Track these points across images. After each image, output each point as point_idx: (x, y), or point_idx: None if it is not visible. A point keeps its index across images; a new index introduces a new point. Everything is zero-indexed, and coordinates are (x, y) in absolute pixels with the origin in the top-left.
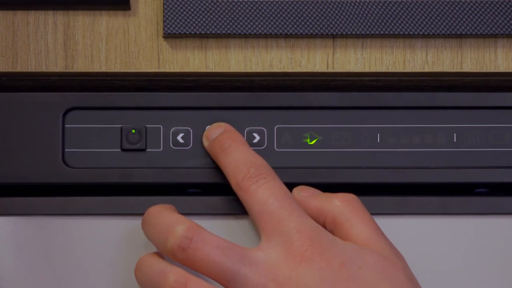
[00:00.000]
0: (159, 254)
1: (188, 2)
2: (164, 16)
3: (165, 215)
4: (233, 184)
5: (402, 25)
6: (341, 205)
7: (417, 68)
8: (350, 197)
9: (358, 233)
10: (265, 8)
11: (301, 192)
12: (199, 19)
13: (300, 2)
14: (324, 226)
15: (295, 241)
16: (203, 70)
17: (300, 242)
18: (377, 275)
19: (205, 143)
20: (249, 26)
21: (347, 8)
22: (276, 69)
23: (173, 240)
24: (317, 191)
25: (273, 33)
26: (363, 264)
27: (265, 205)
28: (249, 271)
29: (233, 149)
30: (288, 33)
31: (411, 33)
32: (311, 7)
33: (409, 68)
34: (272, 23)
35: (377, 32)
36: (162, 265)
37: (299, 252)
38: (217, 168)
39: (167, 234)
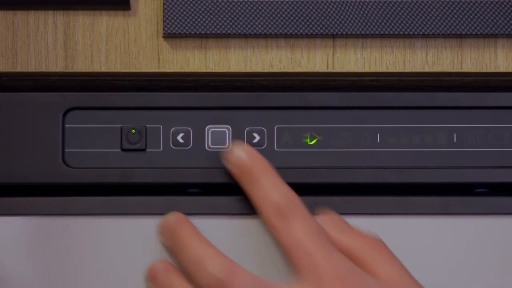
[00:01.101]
0: (173, 267)
1: (188, 2)
2: (164, 16)
3: (195, 246)
4: (264, 217)
5: (402, 25)
6: (368, 246)
7: (417, 68)
8: (377, 238)
9: (386, 272)
10: (265, 8)
11: (327, 221)
12: (199, 19)
13: (300, 2)
14: None
15: (326, 283)
16: (203, 70)
17: (331, 284)
18: None
19: (227, 165)
20: (249, 26)
21: (347, 8)
22: (276, 69)
23: (205, 276)
24: (342, 221)
25: (273, 33)
26: None
27: (297, 245)
28: None
29: (261, 180)
30: (288, 33)
31: (411, 33)
32: (311, 7)
33: (409, 68)
34: (272, 23)
35: (377, 32)
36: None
37: None
38: (217, 168)
39: (200, 267)
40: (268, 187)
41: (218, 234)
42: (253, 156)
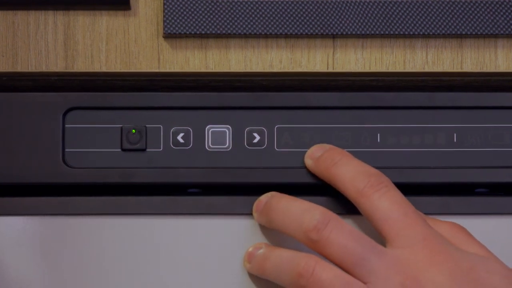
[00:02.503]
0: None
1: (188, 2)
2: (164, 16)
3: (298, 202)
4: (353, 192)
5: (402, 25)
6: (455, 230)
7: (417, 68)
8: (460, 225)
9: (476, 251)
10: (265, 8)
11: None
12: (199, 19)
13: (300, 2)
14: None
15: (422, 247)
16: (203, 70)
17: (428, 248)
18: (504, 280)
19: (309, 161)
20: (249, 26)
21: (347, 8)
22: (276, 69)
23: (309, 222)
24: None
25: (273, 33)
26: (490, 269)
27: (390, 212)
28: (378, 260)
29: (346, 161)
30: (288, 33)
31: (411, 33)
32: (311, 7)
33: (409, 68)
34: (272, 23)
35: (377, 32)
36: (291, 252)
37: (427, 257)
38: (217, 168)
39: (303, 217)
40: (353, 163)
41: (218, 234)
42: (329, 146)
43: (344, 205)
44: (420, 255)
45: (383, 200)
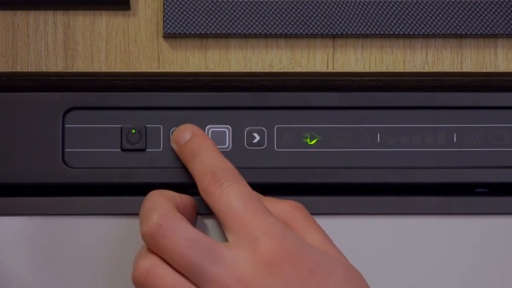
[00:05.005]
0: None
1: (188, 2)
2: (164, 16)
3: (151, 199)
4: (201, 192)
5: (402, 25)
6: (293, 210)
7: (417, 68)
8: (299, 204)
9: (314, 239)
10: (265, 8)
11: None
12: (199, 19)
13: (300, 2)
14: None
15: (261, 244)
16: (203, 70)
17: (267, 246)
18: (344, 283)
19: (174, 146)
20: (249, 26)
21: (347, 8)
22: (276, 69)
23: (146, 225)
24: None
25: (273, 33)
26: (331, 271)
27: (230, 208)
28: (214, 268)
29: (202, 154)
30: (288, 33)
31: (411, 33)
32: (311, 7)
33: (409, 68)
34: (272, 23)
35: (377, 32)
36: (140, 252)
37: (266, 256)
38: None
39: (145, 218)
40: (206, 158)
41: (217, 234)
42: (193, 131)
43: (344, 206)
44: (258, 257)
45: (224, 196)
